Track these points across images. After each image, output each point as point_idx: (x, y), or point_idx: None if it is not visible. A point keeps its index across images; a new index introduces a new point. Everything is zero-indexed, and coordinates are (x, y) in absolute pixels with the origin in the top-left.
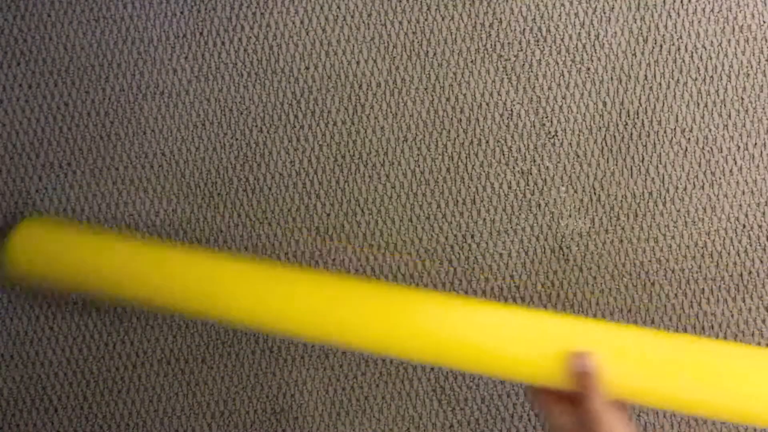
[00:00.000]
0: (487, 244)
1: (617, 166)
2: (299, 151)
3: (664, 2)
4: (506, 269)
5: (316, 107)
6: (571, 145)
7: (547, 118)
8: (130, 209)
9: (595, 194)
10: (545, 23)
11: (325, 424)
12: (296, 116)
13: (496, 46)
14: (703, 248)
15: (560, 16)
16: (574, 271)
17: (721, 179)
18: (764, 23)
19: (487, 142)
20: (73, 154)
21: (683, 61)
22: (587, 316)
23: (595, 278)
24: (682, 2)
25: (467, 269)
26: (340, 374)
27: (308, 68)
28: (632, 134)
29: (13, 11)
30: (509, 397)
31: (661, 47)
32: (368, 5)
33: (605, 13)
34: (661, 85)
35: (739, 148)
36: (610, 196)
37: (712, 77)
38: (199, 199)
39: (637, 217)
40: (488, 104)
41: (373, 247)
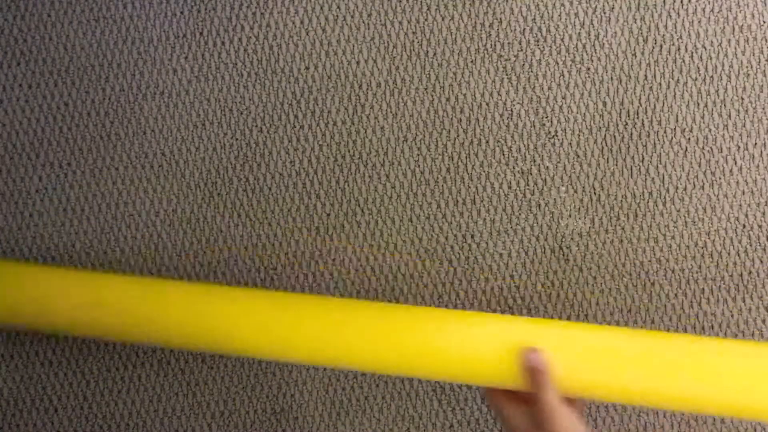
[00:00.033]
0: (487, 244)
1: (617, 166)
2: (299, 151)
3: (664, 2)
4: (506, 269)
5: (316, 107)
6: (571, 145)
7: (547, 118)
8: (130, 209)
9: (595, 194)
10: (545, 23)
11: (325, 424)
12: (296, 116)
13: (496, 46)
14: (703, 248)
15: (560, 16)
16: (574, 271)
17: (721, 179)
18: (764, 23)
19: (487, 142)
20: (73, 154)
21: (683, 61)
22: (587, 316)
23: (595, 278)
24: (682, 2)
25: (467, 269)
26: (340, 374)
27: (308, 68)
28: (632, 134)
29: (13, 11)
30: None
31: (661, 47)
32: (368, 5)
33: (605, 13)
34: (661, 85)
35: (739, 148)
36: (610, 196)
37: (712, 77)
38: (199, 199)
39: (637, 217)
40: (488, 104)
41: (373, 247)
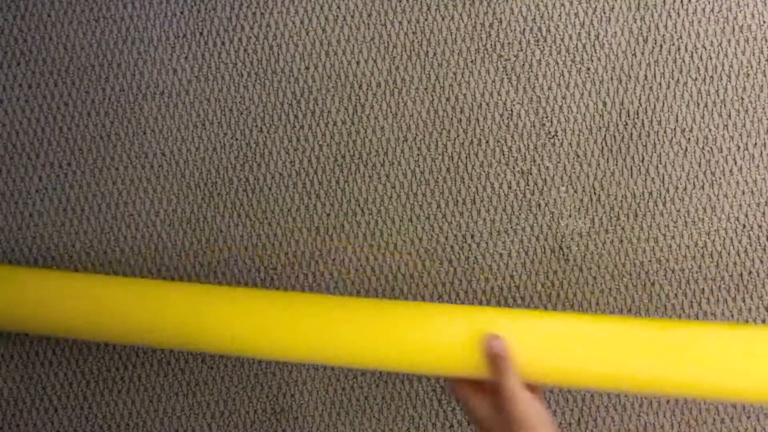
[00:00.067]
0: (487, 244)
1: (617, 166)
2: (299, 151)
3: (664, 2)
4: (506, 269)
5: (316, 107)
6: (571, 145)
7: (547, 118)
8: (130, 209)
9: (595, 194)
10: (545, 23)
11: (325, 424)
12: (296, 116)
13: (496, 46)
14: (703, 248)
15: (560, 16)
16: (574, 271)
17: (721, 179)
18: (764, 23)
19: (487, 142)
20: (73, 154)
21: (683, 61)
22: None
23: (595, 278)
24: (682, 2)
25: (467, 269)
26: (340, 374)
27: (308, 68)
28: (632, 134)
29: (13, 11)
30: None
31: (661, 47)
32: (368, 5)
33: (605, 13)
34: (661, 85)
35: (739, 148)
36: (610, 196)
37: (712, 77)
38: (199, 199)
39: (637, 217)
40: (488, 104)
41: (373, 247)
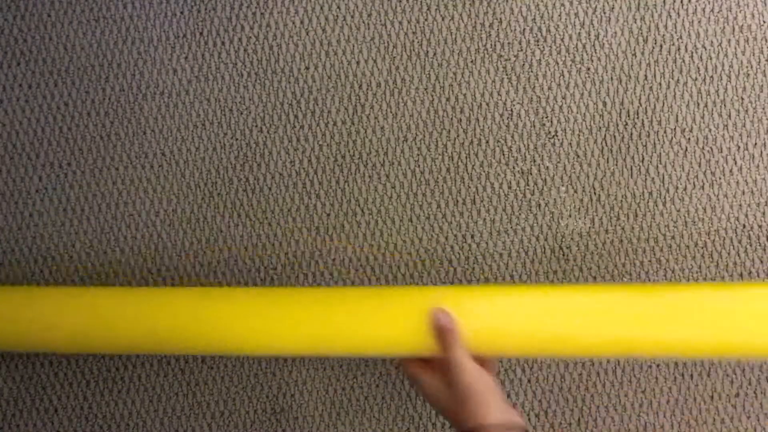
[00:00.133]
0: (487, 244)
1: (617, 166)
2: (299, 151)
3: (664, 2)
4: (506, 269)
5: (316, 107)
6: (571, 145)
7: (547, 118)
8: (130, 209)
9: (595, 194)
10: (545, 23)
11: (325, 424)
12: (296, 116)
13: (496, 46)
14: (703, 248)
15: (560, 16)
16: (574, 271)
17: (721, 179)
18: (764, 23)
19: (487, 142)
20: (73, 154)
21: (683, 61)
22: None
23: (595, 278)
24: (682, 2)
25: (467, 269)
26: (340, 374)
27: (308, 68)
28: (632, 134)
29: (13, 11)
30: (509, 397)
31: (661, 47)
32: (368, 5)
33: (605, 13)
34: (661, 85)
35: (739, 148)
36: (610, 196)
37: (712, 77)
38: (199, 199)
39: (637, 217)
40: (488, 104)
41: (373, 247)
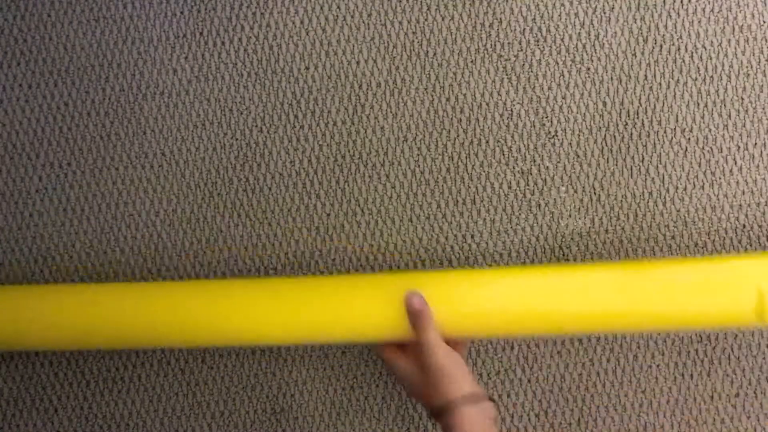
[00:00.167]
0: (487, 244)
1: (617, 166)
2: (299, 151)
3: (664, 2)
4: None
5: (316, 107)
6: (571, 145)
7: (547, 118)
8: (130, 209)
9: (595, 194)
10: (545, 23)
11: (325, 424)
12: (296, 116)
13: (496, 46)
14: (703, 248)
15: (560, 16)
16: None
17: (721, 179)
18: (764, 23)
19: (487, 142)
20: (73, 154)
21: (683, 61)
22: None
23: None
24: (682, 2)
25: (467, 269)
26: (340, 374)
27: (308, 68)
28: (632, 134)
29: (13, 11)
30: (509, 397)
31: (661, 47)
32: (368, 5)
33: (605, 13)
34: (661, 85)
35: (739, 148)
36: (610, 196)
37: (712, 77)
38: (199, 199)
39: (637, 217)
40: (488, 104)
41: (373, 247)
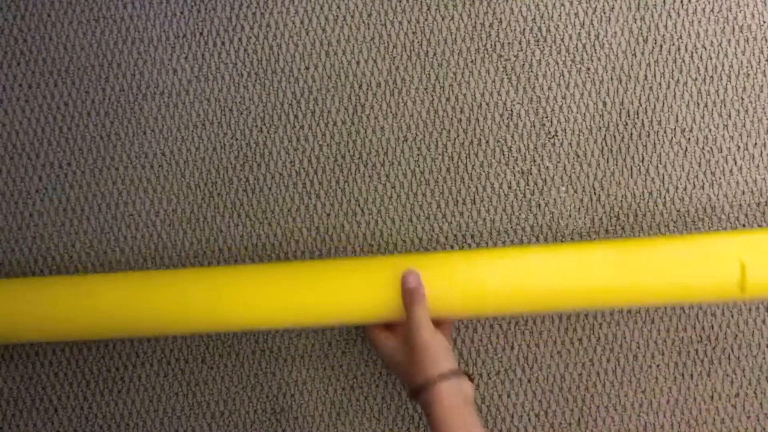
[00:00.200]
0: (487, 244)
1: (617, 166)
2: (299, 151)
3: (664, 2)
4: None
5: (316, 107)
6: (571, 145)
7: (547, 118)
8: (130, 209)
9: (595, 194)
10: (545, 23)
11: (325, 424)
12: (296, 116)
13: (496, 46)
14: None
15: (560, 16)
16: None
17: (721, 179)
18: (764, 23)
19: (487, 142)
20: (73, 154)
21: (683, 61)
22: (587, 315)
23: None
24: (682, 2)
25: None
26: (340, 374)
27: (308, 68)
28: (632, 134)
29: (13, 11)
30: (509, 397)
31: (661, 47)
32: (368, 5)
33: (605, 13)
34: (661, 85)
35: (739, 148)
36: (610, 196)
37: (712, 77)
38: (199, 199)
39: (637, 217)
40: (488, 104)
41: (373, 247)
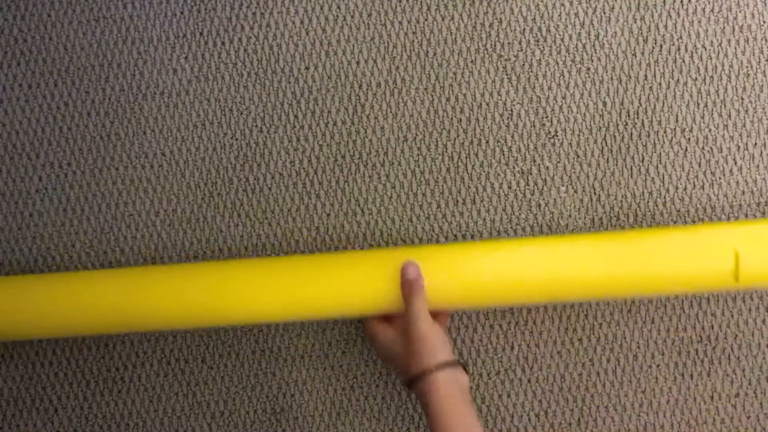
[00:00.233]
0: None
1: (617, 166)
2: (299, 151)
3: (664, 2)
4: None
5: (316, 107)
6: (571, 145)
7: (547, 118)
8: (130, 209)
9: (595, 194)
10: (545, 23)
11: (325, 424)
12: (296, 116)
13: (496, 46)
14: None
15: (560, 16)
16: None
17: (721, 179)
18: (764, 23)
19: (487, 142)
20: (73, 154)
21: (683, 61)
22: (587, 315)
23: None
24: (682, 2)
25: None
26: (340, 374)
27: (308, 68)
28: (632, 134)
29: (13, 11)
30: (509, 397)
31: (661, 47)
32: (368, 5)
33: (605, 13)
34: (661, 85)
35: (739, 148)
36: (610, 196)
37: (712, 77)
38: (199, 199)
39: (637, 217)
40: (488, 104)
41: (373, 247)
